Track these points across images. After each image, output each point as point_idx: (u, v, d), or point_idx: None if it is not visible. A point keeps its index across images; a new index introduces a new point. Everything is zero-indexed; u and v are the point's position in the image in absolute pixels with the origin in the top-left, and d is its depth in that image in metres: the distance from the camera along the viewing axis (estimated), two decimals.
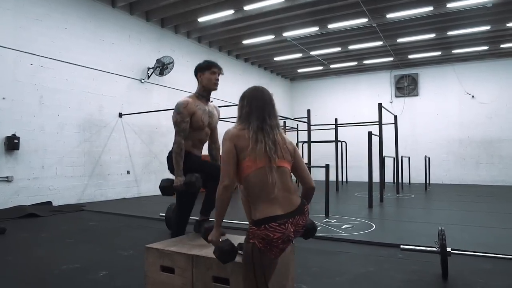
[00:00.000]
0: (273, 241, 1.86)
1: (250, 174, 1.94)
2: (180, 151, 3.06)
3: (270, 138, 2.01)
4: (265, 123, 2.04)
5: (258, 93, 2.15)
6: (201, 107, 3.20)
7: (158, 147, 9.47)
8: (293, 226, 1.93)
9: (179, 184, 3.04)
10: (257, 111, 2.07)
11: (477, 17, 9.25)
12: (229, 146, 1.99)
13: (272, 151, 1.97)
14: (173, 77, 9.70)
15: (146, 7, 8.79)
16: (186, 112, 3.09)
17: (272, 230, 1.86)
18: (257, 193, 1.93)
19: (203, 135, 3.27)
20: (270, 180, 1.91)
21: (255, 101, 2.10)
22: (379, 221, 5.57)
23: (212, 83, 3.19)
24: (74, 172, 7.44)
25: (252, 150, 1.95)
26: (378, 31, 10.12)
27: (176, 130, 3.11)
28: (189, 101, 3.13)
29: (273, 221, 1.87)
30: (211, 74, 3.17)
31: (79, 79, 7.58)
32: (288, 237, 1.89)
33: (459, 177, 13.24)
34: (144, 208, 7.01)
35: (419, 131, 13.94)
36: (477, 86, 13.20)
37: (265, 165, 1.93)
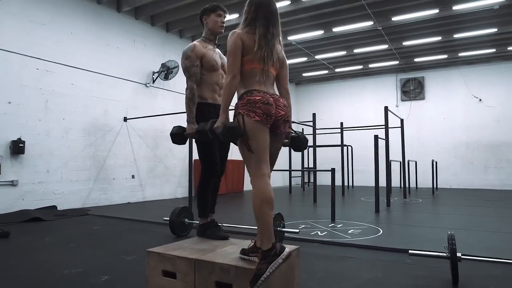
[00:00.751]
0: (255, 102, 2.10)
1: (246, 70, 2.22)
2: (193, 96, 2.96)
3: (270, 46, 2.22)
4: (268, 31, 2.22)
5: (266, 2, 2.29)
6: (210, 48, 3.09)
7: (163, 151, 9.46)
8: (272, 98, 2.19)
9: (191, 131, 2.92)
10: (263, 18, 2.23)
11: (483, 19, 9.17)
12: (237, 42, 2.19)
13: (269, 59, 2.22)
14: (178, 82, 9.67)
15: (151, 12, 8.82)
16: (194, 56, 2.99)
17: (253, 95, 2.14)
18: (245, 82, 2.21)
19: (219, 77, 3.12)
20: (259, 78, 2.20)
21: (261, 9, 2.25)
22: (386, 225, 5.48)
23: (218, 26, 3.12)
24: (79, 176, 7.43)
25: (254, 52, 2.19)
26: (383, 34, 10.07)
27: (187, 76, 3.01)
28: (196, 44, 3.04)
29: (254, 90, 2.17)
30: (216, 16, 3.09)
31: (84, 83, 7.60)
32: (267, 100, 2.13)
33: (467, 181, 13.07)
34: (149, 212, 6.98)
35: (425, 135, 13.81)
36: (484, 89, 13.06)
37: (259, 67, 2.20)
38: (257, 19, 2.23)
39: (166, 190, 9.52)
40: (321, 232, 4.78)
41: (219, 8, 3.07)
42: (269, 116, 2.14)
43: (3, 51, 6.33)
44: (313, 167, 9.47)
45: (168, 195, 9.50)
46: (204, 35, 3.12)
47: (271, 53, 2.24)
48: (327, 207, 6.05)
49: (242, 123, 2.11)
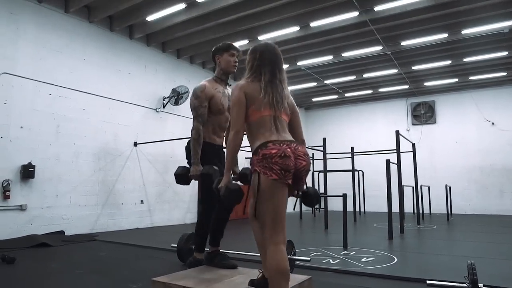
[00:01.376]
0: (271, 157, 1.93)
1: (254, 121, 2.10)
2: (198, 137, 2.93)
3: (279, 92, 2.13)
4: (275, 77, 2.15)
5: (269, 47, 2.25)
6: (219, 90, 3.07)
7: (172, 176, 9.32)
8: (290, 148, 1.99)
9: (195, 174, 2.85)
10: (269, 64, 2.17)
11: (493, 43, 9.13)
12: (239, 94, 2.11)
13: (279, 104, 2.11)
14: (188, 107, 9.71)
15: (162, 39, 9.00)
16: (204, 96, 2.97)
17: (268, 148, 1.97)
18: (256, 135, 2.08)
19: (223, 120, 3.11)
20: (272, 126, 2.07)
21: (267, 55, 2.19)
22: (400, 253, 5.28)
23: (231, 65, 3.09)
24: (88, 201, 7.40)
25: (261, 100, 2.09)
26: (393, 59, 10.08)
27: (194, 116, 2.98)
28: (206, 85, 3.02)
29: (269, 142, 2.00)
30: (229, 56, 3.07)
31: (95, 108, 7.68)
32: (284, 153, 1.95)
33: (482, 207, 12.69)
34: (157, 238, 6.86)
35: (438, 160, 13.56)
36: (496, 113, 12.88)
37: (269, 114, 2.09)
38: (262, 65, 2.17)
39: (175, 215, 9.42)
40: (333, 260, 4.61)
41: (232, 47, 3.09)
42: (288, 171, 1.95)
43: (18, 77, 6.46)
44: (324, 193, 9.31)
45: (177, 220, 9.39)
46: (216, 74, 3.13)
47: (280, 98, 2.13)
48: (338, 233, 5.88)
49: (257, 182, 1.94)
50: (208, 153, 2.95)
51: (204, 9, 7.40)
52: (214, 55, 3.11)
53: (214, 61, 3.12)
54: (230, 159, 2.12)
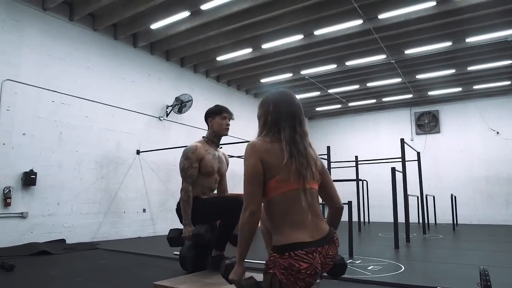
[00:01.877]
0: (299, 272, 1.56)
1: (278, 197, 1.65)
2: (188, 199, 2.94)
3: (301, 152, 1.70)
4: (296, 133, 1.73)
5: (285, 97, 1.82)
6: (210, 152, 3.09)
7: (175, 185, 9.34)
8: (321, 257, 1.64)
9: (188, 235, 2.87)
10: (287, 118, 1.75)
11: (497, 51, 9.11)
12: (256, 163, 1.66)
13: (304, 168, 1.67)
14: (191, 115, 9.74)
15: (166, 47, 9.03)
16: (194, 158, 2.98)
17: (298, 259, 1.57)
18: (282, 218, 1.65)
19: (212, 182, 3.15)
20: (304, 204, 1.64)
21: (284, 106, 1.77)
22: (407, 262, 5.16)
23: (223, 128, 3.11)
24: (90, 209, 7.33)
25: (285, 167, 1.65)
26: (396, 68, 10.06)
27: (183, 177, 2.99)
28: (197, 146, 3.03)
29: (300, 248, 1.58)
30: (221, 119, 3.10)
31: (98, 116, 7.67)
32: (315, 269, 1.59)
33: (488, 217, 12.51)
34: (159, 247, 6.76)
35: (442, 169, 13.42)
36: (501, 122, 12.79)
37: (298, 187, 1.66)
38: (279, 120, 1.74)
39: (178, 225, 9.22)
40: None
41: (224, 111, 3.14)
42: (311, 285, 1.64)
43: (22, 84, 6.47)
44: None
45: None
46: (207, 136, 3.19)
47: (305, 164, 1.69)
48: (343, 242, 5.72)
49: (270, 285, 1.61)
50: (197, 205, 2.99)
51: (208, 17, 7.43)
52: (206, 118, 3.18)
53: (207, 123, 3.18)
54: (243, 246, 1.70)
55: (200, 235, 2.76)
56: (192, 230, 2.88)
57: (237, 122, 3.26)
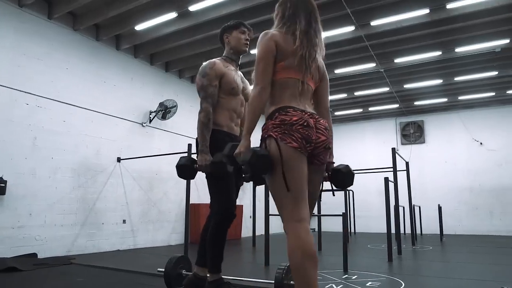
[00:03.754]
0: (291, 124, 1.68)
1: (277, 80, 1.82)
2: (208, 122, 2.47)
3: (312, 43, 1.86)
4: (311, 27, 1.90)
5: None
6: (231, 68, 2.68)
7: (157, 194, 8.91)
8: (312, 119, 1.75)
9: (204, 164, 2.40)
10: (304, 11, 1.92)
11: (484, 62, 9.15)
12: (270, 45, 1.81)
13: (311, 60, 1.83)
14: (175, 122, 9.37)
15: (151, 50, 8.66)
16: (213, 74, 2.56)
17: (288, 114, 1.71)
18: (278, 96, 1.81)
19: (238, 104, 2.70)
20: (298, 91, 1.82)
21: (301, 3, 1.96)
22: (406, 277, 4.91)
23: (242, 43, 2.72)
24: (65, 220, 6.82)
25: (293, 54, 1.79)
26: (385, 77, 9.99)
27: (202, 96, 2.54)
28: (216, 61, 2.61)
29: (288, 108, 1.74)
30: (240, 33, 2.71)
31: (77, 121, 7.20)
32: (307, 122, 1.70)
33: (473, 228, 12.53)
34: (141, 261, 6.33)
35: (427, 180, 13.42)
36: (484, 133, 12.92)
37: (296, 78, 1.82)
38: (296, 14, 1.92)
39: (160, 236, 8.85)
40: (336, 285, 4.21)
41: (242, 24, 2.76)
42: (309, 142, 1.71)
43: None
44: (318, 212, 8.94)
45: (161, 242, 8.81)
46: (225, 54, 2.75)
47: (312, 56, 1.86)
48: (335, 255, 5.52)
49: (277, 150, 1.65)
50: (223, 142, 2.49)
51: (196, 19, 7.13)
52: (222, 35, 2.77)
53: (222, 42, 2.78)
54: (251, 119, 1.80)
55: (222, 164, 2.28)
56: (211, 159, 2.37)
57: None
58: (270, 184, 1.74)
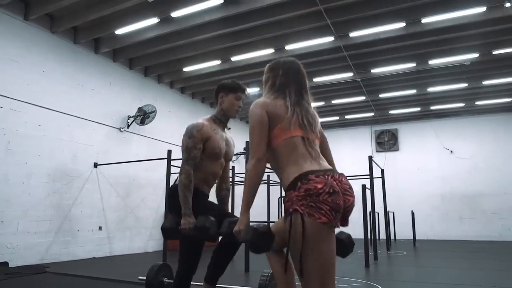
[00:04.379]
0: (317, 194, 1.54)
1: (281, 144, 1.72)
2: (190, 184, 2.44)
3: (310, 113, 1.81)
4: (302, 98, 1.84)
5: (294, 65, 1.94)
6: (218, 132, 2.64)
7: (134, 201, 8.77)
8: (336, 181, 1.61)
9: (188, 227, 2.39)
10: (294, 83, 1.85)
11: (455, 74, 9.55)
12: (261, 113, 1.75)
13: (311, 125, 1.78)
14: (154, 127, 9.27)
15: (130, 55, 8.56)
16: (199, 136, 2.53)
17: (312, 182, 1.56)
18: (287, 159, 1.70)
19: (218, 167, 2.68)
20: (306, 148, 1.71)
21: (292, 73, 1.88)
22: (384, 282, 5.03)
23: (234, 109, 2.67)
24: (39, 227, 6.60)
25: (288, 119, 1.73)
26: (361, 86, 10.25)
27: (185, 158, 2.50)
28: (204, 123, 2.58)
29: (310, 174, 1.59)
30: (235, 98, 2.67)
31: (53, 125, 7.02)
32: (332, 188, 1.56)
33: (444, 233, 12.96)
34: (119, 269, 6.21)
35: (401, 186, 13.80)
36: (455, 142, 13.44)
37: (300, 135, 1.73)
38: (287, 84, 1.84)
39: (136, 243, 8.70)
40: None
41: (241, 90, 2.68)
42: (338, 211, 1.56)
43: None
44: None
45: (138, 249, 8.66)
46: (215, 114, 2.70)
47: (312, 119, 1.79)
48: None
49: (301, 227, 1.51)
50: (200, 203, 2.51)
51: (178, 26, 7.12)
52: (218, 92, 2.70)
53: (217, 97, 2.73)
54: (249, 195, 1.72)
55: (205, 228, 2.27)
56: (194, 222, 2.37)
57: None
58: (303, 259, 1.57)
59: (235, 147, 2.93)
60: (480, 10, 6.58)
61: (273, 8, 6.68)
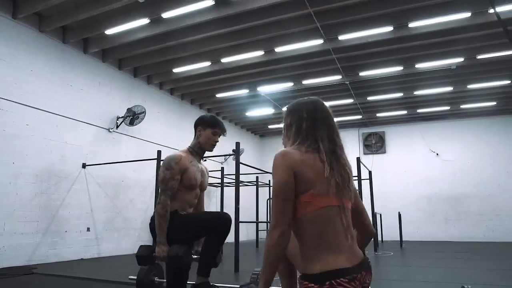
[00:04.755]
0: None
1: (312, 213, 1.43)
2: (165, 213, 2.59)
3: (342, 165, 1.52)
4: (336, 145, 1.55)
5: (318, 104, 1.65)
6: (194, 164, 2.78)
7: (123, 201, 8.71)
8: (359, 284, 1.43)
9: (162, 255, 2.54)
10: (324, 127, 1.56)
11: (441, 78, 9.75)
12: (287, 176, 1.43)
13: (346, 183, 1.49)
14: (143, 128, 9.24)
15: (119, 55, 8.53)
16: (177, 168, 2.66)
17: (337, 279, 1.36)
18: (317, 240, 1.42)
19: (193, 196, 2.83)
20: (342, 224, 1.44)
21: (319, 114, 1.60)
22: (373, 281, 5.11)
23: (210, 144, 2.83)
24: (26, 228, 6.52)
25: (323, 180, 1.44)
26: (350, 89, 10.38)
27: (162, 189, 2.64)
28: (182, 156, 2.72)
29: (342, 276, 1.37)
30: (212, 134, 2.81)
31: (41, 125, 6.95)
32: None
33: (430, 234, 13.17)
34: (107, 270, 6.16)
35: (388, 188, 13.97)
36: (440, 144, 13.70)
37: (336, 204, 1.45)
38: (315, 128, 1.56)
39: (124, 244, 8.63)
40: None
41: (219, 127, 2.84)
42: None
43: None
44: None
45: (126, 250, 8.59)
46: (192, 146, 2.88)
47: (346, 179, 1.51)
48: None
49: None
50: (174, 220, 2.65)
51: (168, 26, 7.12)
52: (197, 125, 2.87)
53: (195, 130, 2.88)
54: (270, 272, 1.46)
55: (178, 257, 2.43)
56: (168, 250, 2.53)
57: (189, 137, 3.01)
58: None
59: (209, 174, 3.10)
60: (465, 16, 6.76)
61: (263, 10, 6.75)
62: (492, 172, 12.87)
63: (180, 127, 10.89)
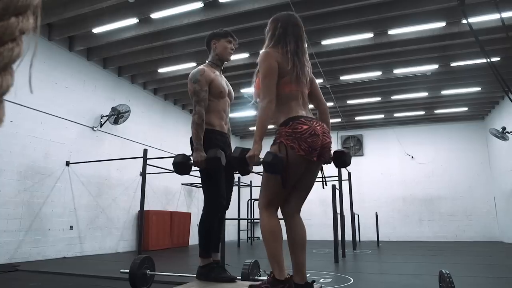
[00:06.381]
0: (301, 133, 1.96)
1: (283, 93, 2.09)
2: (202, 122, 2.70)
3: (302, 63, 2.14)
4: (298, 48, 2.15)
5: (292, 18, 2.24)
6: (218, 74, 2.93)
7: (106, 200, 8.69)
8: (319, 126, 2.04)
9: (200, 160, 2.62)
10: (291, 34, 2.16)
11: (417, 83, 10.21)
12: (273, 63, 2.07)
13: (304, 78, 2.14)
14: (126, 128, 9.26)
15: (104, 54, 8.54)
16: (204, 80, 2.78)
17: (300, 123, 1.99)
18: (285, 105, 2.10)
19: (226, 104, 2.96)
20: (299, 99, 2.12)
21: (289, 25, 2.19)
22: (354, 274, 5.38)
23: (228, 52, 2.98)
24: (8, 226, 6.45)
25: (291, 71, 2.08)
26: (330, 92, 10.70)
27: (196, 101, 2.75)
28: (205, 68, 2.85)
29: (300, 118, 2.02)
30: (227, 42, 2.97)
31: (25, 122, 6.90)
32: (314, 131, 1.98)
33: (404, 234, 13.67)
34: (91, 267, 6.18)
35: (365, 190, 14.41)
36: (415, 148, 14.24)
37: (297, 90, 2.11)
38: (286, 34, 2.16)
39: (107, 243, 8.61)
40: None
41: (230, 35, 3.00)
42: (315, 149, 2.00)
43: None
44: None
45: (108, 249, 8.58)
46: (211, 60, 3.00)
47: (303, 72, 2.15)
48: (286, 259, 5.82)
49: (285, 155, 1.96)
50: (216, 140, 2.75)
51: (155, 27, 7.22)
52: (210, 40, 2.99)
53: (209, 46, 3.01)
54: (262, 127, 2.04)
55: (216, 158, 2.52)
56: (205, 156, 2.61)
57: (172, 137, 3.16)
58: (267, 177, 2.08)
59: None
60: (440, 25, 7.17)
61: (249, 14, 6.95)
62: (463, 175, 13.50)
63: (163, 127, 10.94)
